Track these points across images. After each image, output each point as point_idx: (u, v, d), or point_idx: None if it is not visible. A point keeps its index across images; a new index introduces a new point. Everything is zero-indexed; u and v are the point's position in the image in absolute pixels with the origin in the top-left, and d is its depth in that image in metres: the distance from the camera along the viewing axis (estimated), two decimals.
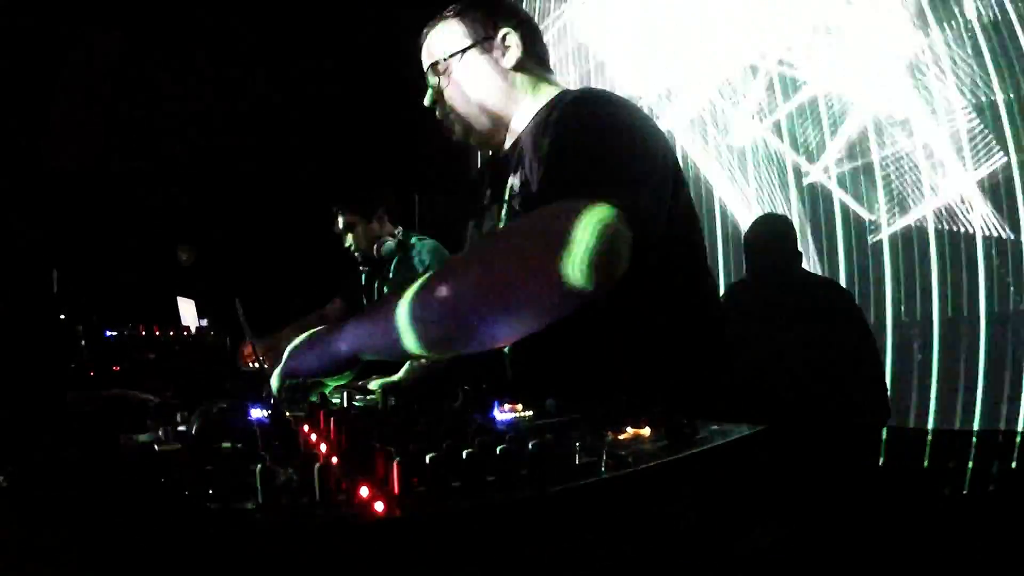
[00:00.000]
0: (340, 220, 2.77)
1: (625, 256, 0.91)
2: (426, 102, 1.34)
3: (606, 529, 0.57)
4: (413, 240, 2.76)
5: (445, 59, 1.29)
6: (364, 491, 0.50)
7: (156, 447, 0.69)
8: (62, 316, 1.76)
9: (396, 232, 2.76)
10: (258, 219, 4.13)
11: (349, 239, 2.78)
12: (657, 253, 0.99)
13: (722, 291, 2.99)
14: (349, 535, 0.46)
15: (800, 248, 2.82)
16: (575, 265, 0.85)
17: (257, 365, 2.28)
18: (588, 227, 0.88)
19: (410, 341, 0.94)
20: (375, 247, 2.71)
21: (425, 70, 1.34)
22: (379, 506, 0.48)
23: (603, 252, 0.87)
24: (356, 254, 2.80)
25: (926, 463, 3.11)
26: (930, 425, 3.34)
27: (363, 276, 2.92)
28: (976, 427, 3.27)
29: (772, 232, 2.83)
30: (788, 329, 2.57)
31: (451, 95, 1.30)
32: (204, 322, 2.27)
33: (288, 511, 0.48)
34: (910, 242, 3.54)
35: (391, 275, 2.75)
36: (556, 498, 0.55)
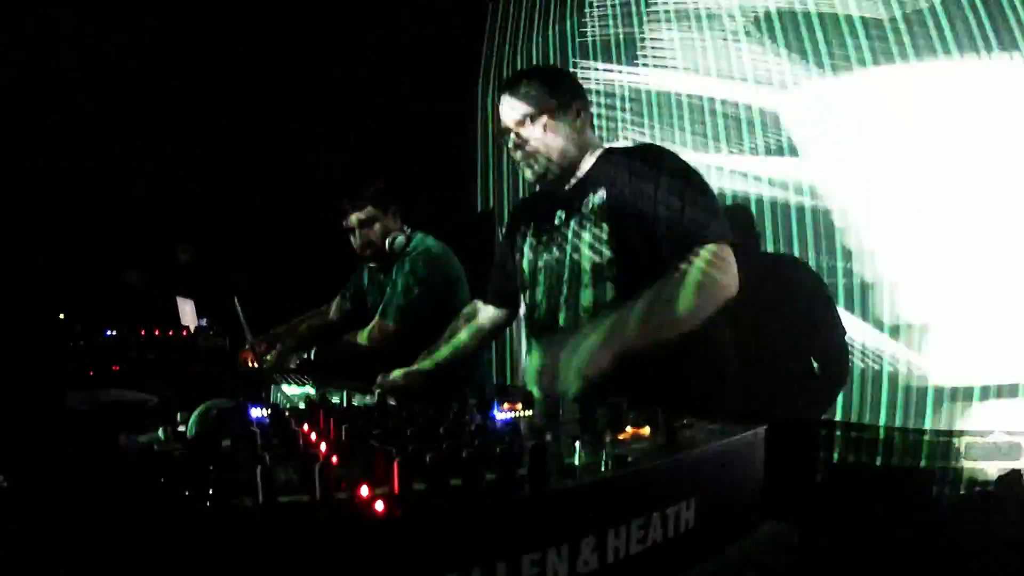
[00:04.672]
0: (361, 213, 2.67)
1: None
2: (510, 145, 1.67)
3: (606, 529, 0.57)
4: (412, 246, 2.70)
5: (538, 114, 1.62)
6: (364, 491, 0.50)
7: (156, 447, 0.69)
8: (61, 316, 1.76)
9: (404, 229, 2.74)
10: (257, 219, 4.13)
11: (374, 232, 2.72)
12: None
13: None
14: (349, 534, 0.46)
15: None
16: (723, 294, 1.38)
17: (256, 365, 2.28)
18: (725, 265, 1.39)
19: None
20: (388, 242, 2.69)
21: (514, 119, 1.65)
22: (379, 506, 0.48)
23: (732, 283, 1.40)
24: (367, 252, 2.74)
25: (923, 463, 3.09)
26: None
27: (366, 275, 2.89)
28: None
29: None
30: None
31: (538, 144, 1.64)
32: (203, 322, 2.26)
33: (288, 511, 0.48)
34: None
35: (394, 276, 2.70)
36: (556, 498, 0.55)
